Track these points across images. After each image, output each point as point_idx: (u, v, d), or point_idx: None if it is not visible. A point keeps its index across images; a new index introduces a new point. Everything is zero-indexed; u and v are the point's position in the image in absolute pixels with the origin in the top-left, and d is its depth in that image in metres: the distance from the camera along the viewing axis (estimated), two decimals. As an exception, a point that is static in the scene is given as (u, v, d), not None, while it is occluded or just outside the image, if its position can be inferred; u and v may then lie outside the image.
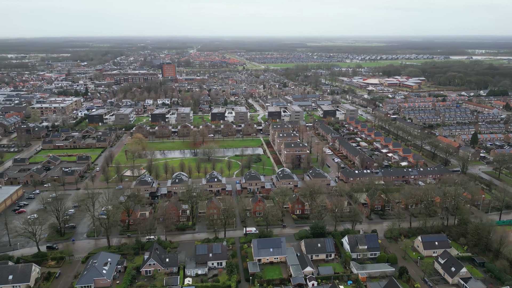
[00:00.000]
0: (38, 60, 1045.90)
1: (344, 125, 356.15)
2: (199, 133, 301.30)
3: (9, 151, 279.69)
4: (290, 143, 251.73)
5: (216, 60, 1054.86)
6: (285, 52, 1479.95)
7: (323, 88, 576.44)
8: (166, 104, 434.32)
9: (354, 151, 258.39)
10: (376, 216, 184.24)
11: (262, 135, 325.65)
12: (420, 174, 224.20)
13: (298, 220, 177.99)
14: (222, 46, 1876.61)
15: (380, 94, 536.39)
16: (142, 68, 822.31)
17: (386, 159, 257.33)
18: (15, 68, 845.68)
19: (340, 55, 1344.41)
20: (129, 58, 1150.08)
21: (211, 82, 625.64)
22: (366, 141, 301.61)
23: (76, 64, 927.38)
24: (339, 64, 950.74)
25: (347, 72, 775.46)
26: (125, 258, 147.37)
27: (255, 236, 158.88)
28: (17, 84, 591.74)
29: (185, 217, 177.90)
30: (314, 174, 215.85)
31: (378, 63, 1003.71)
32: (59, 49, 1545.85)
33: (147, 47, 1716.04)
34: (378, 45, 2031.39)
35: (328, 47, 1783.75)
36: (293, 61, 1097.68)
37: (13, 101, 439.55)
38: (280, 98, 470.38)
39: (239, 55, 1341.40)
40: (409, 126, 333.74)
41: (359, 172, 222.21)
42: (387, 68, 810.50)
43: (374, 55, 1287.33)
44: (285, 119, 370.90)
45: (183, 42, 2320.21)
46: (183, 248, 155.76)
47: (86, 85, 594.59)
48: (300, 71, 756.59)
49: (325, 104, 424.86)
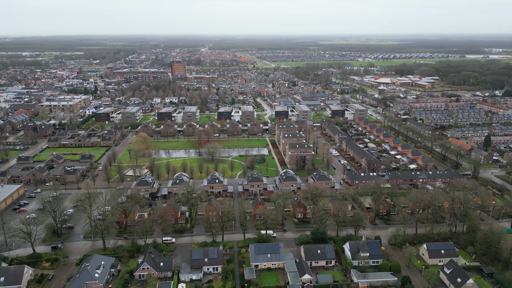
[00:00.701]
0: (52, 58, 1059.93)
1: (353, 126, 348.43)
2: (204, 133, 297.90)
3: (15, 149, 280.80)
4: (295, 144, 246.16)
5: (227, 59, 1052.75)
6: (296, 50, 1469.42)
7: (333, 87, 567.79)
8: (173, 102, 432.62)
9: (361, 153, 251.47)
10: (381, 221, 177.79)
11: (268, 135, 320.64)
12: (429, 178, 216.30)
13: (300, 224, 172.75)
14: (234, 44, 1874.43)
15: (391, 93, 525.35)
16: (152, 67, 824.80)
17: (394, 161, 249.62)
18: (28, 66, 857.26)
19: (352, 53, 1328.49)
20: (141, 56, 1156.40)
21: (220, 81, 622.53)
22: (374, 142, 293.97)
23: (89, 62, 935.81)
24: (351, 63, 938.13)
25: (358, 71, 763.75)
26: (120, 261, 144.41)
27: (254, 241, 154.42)
28: (29, 82, 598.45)
29: (184, 219, 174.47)
30: (318, 176, 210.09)
31: (391, 62, 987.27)
32: (73, 47, 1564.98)
33: (159, 46, 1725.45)
34: (392, 43, 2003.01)
35: (340, 46, 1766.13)
36: (304, 59, 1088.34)
37: (23, 99, 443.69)
38: (289, 97, 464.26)
39: (250, 54, 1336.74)
40: (419, 127, 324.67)
41: (365, 175, 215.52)
42: (399, 67, 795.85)
43: (387, 53, 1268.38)
44: (293, 118, 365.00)
45: (196, 40, 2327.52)
46: (180, 251, 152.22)
47: (96, 83, 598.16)
48: (311, 70, 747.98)
49: (334, 103, 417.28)
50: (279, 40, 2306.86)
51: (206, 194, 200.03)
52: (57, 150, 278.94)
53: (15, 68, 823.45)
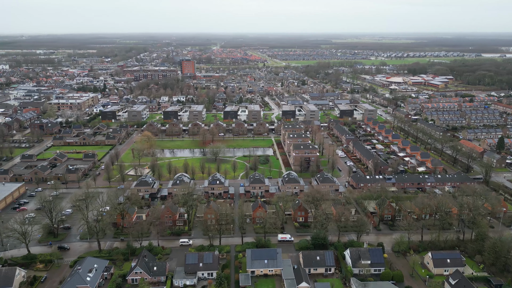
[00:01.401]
0: (65, 56, 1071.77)
1: (361, 126, 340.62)
2: (209, 132, 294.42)
3: (21, 146, 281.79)
4: (299, 145, 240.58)
5: (238, 57, 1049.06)
6: (308, 49, 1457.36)
7: (343, 87, 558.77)
8: (180, 101, 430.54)
9: (368, 154, 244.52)
10: (385, 227, 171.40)
11: (274, 135, 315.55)
12: (438, 182, 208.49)
13: (300, 229, 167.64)
14: (246, 43, 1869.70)
15: (403, 93, 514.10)
16: (163, 65, 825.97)
17: (402, 163, 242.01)
18: (41, 64, 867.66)
19: (365, 52, 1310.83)
20: (152, 54, 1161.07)
21: (229, 79, 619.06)
22: (382, 144, 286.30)
23: (100, 60, 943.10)
24: (363, 62, 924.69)
25: (370, 69, 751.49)
26: (114, 263, 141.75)
27: (252, 245, 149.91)
28: (40, 80, 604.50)
29: (182, 221, 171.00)
30: (322, 178, 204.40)
31: (404, 61, 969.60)
32: (87, 45, 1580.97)
33: (171, 44, 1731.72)
34: (406, 42, 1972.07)
35: (353, 44, 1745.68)
36: (315, 58, 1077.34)
37: (32, 96, 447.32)
38: (297, 97, 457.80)
39: (261, 52, 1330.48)
40: (430, 128, 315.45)
41: (370, 178, 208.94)
42: (412, 66, 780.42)
43: (400, 52, 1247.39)
44: (300, 118, 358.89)
45: (208, 39, 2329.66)
46: (176, 255, 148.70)
47: (106, 81, 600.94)
48: (321, 69, 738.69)
49: (342, 103, 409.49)
50: (291, 39, 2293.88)
51: (205, 196, 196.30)
52: (62, 148, 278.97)
53: (28, 66, 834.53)
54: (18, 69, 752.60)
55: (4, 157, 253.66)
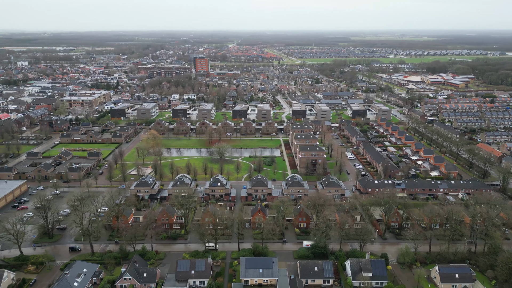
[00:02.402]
0: (83, 53, 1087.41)
1: (374, 127, 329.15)
2: (215, 131, 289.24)
3: (29, 143, 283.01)
4: (306, 146, 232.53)
5: (253, 55, 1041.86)
6: (325, 46, 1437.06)
7: (358, 85, 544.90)
8: (191, 99, 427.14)
9: (378, 157, 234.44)
10: (392, 236, 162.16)
11: (282, 135, 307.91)
12: (451, 188, 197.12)
13: (301, 235, 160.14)
14: (263, 40, 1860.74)
15: (420, 93, 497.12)
16: (178, 62, 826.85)
17: (414, 167, 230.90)
18: (60, 61, 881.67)
19: (384, 50, 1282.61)
20: (168, 52, 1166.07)
21: (242, 77, 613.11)
22: (394, 146, 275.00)
23: (117, 57, 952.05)
24: (380, 60, 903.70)
25: (387, 68, 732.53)
26: (106, 268, 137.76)
27: (249, 252, 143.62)
28: (56, 76, 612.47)
29: (180, 224, 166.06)
30: (327, 182, 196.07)
31: (424, 59, 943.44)
32: (106, 42, 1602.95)
33: (188, 41, 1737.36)
34: (428, 39, 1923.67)
35: (372, 42, 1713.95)
36: (332, 55, 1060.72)
37: (46, 93, 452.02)
38: (310, 95, 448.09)
39: (278, 50, 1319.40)
40: (447, 130, 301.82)
41: (378, 182, 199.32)
42: (432, 64, 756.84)
43: (421, 50, 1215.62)
44: (310, 118, 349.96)
45: (225, 36, 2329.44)
46: (170, 260, 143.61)
47: (120, 78, 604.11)
48: (337, 67, 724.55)
49: (355, 103, 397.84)
50: (309, 36, 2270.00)
51: (205, 197, 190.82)
52: (69, 146, 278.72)
53: (47, 63, 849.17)
54: (36, 66, 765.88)
55: (11, 154, 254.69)
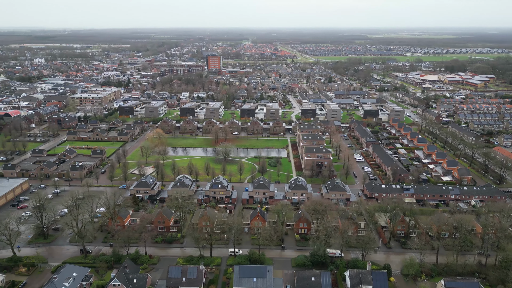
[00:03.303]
0: (99, 50, 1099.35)
1: (386, 128, 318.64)
2: (222, 130, 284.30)
3: (36, 140, 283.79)
4: (312, 148, 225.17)
5: (267, 52, 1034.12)
6: (341, 44, 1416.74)
7: (372, 84, 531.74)
8: (200, 97, 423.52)
9: (387, 160, 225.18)
10: (397, 244, 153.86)
11: (290, 135, 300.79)
12: (463, 194, 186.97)
13: (301, 242, 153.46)
14: (278, 37, 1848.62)
15: (436, 92, 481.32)
16: (191, 60, 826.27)
17: (425, 171, 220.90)
18: (75, 58, 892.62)
19: (401, 48, 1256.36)
20: (183, 49, 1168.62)
21: (254, 75, 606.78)
22: (406, 148, 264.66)
23: (131, 55, 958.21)
24: (397, 58, 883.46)
25: (403, 66, 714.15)
26: (97, 272, 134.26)
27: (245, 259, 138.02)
28: (70, 73, 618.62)
29: (177, 227, 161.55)
30: (332, 186, 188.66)
31: (442, 57, 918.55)
32: (122, 39, 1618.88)
33: (204, 39, 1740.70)
34: (447, 37, 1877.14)
35: (389, 39, 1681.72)
36: (347, 54, 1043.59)
37: (58, 90, 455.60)
38: (321, 94, 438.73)
39: (292, 47, 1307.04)
40: (462, 132, 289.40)
41: (386, 187, 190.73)
42: (450, 63, 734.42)
43: (439, 48, 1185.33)
44: (320, 118, 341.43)
45: (241, 34, 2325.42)
46: (164, 264, 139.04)
47: (132, 75, 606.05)
48: (351, 65, 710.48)
49: (368, 102, 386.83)
50: (325, 33, 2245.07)
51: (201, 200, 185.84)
52: (75, 143, 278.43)
53: (63, 60, 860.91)
54: (52, 63, 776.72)
55: (17, 151, 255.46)
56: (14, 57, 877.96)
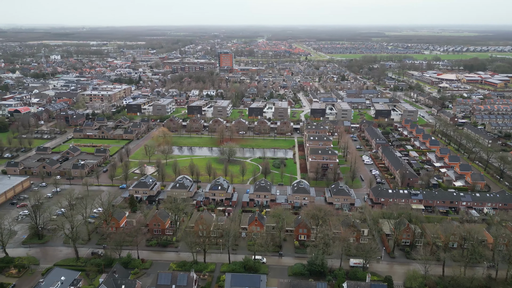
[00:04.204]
0: (115, 48, 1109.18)
1: (397, 129, 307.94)
2: (227, 130, 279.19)
3: (43, 137, 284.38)
4: (317, 149, 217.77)
5: (281, 50, 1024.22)
6: (357, 42, 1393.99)
7: (386, 83, 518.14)
8: (210, 95, 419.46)
9: (396, 163, 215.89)
10: (401, 254, 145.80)
11: (298, 135, 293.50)
12: (475, 201, 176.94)
13: (300, 249, 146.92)
14: (293, 35, 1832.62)
15: (453, 92, 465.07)
16: (204, 57, 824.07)
17: (436, 176, 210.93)
18: (90, 55, 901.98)
19: (419, 45, 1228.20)
20: (197, 47, 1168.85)
21: (266, 73, 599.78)
22: (417, 151, 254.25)
23: (145, 52, 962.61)
24: (414, 56, 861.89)
25: (420, 65, 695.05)
26: (87, 275, 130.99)
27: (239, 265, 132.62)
28: (84, 70, 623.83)
29: (173, 230, 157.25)
30: (336, 190, 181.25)
31: (461, 56, 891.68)
32: (138, 37, 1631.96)
33: (219, 36, 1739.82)
34: (468, 35, 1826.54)
35: (408, 37, 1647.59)
36: (363, 51, 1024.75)
37: (69, 87, 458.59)
38: (332, 93, 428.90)
39: (307, 45, 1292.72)
40: (478, 135, 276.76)
41: (393, 192, 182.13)
42: (470, 61, 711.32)
43: (459, 46, 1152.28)
44: (330, 117, 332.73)
45: (256, 31, 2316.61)
46: (156, 269, 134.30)
47: (144, 72, 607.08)
48: (366, 63, 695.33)
49: (380, 102, 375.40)
50: (342, 31, 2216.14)
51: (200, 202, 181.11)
52: (81, 141, 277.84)
53: (78, 57, 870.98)
54: (67, 60, 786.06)
55: (22, 148, 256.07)
56: (31, 53, 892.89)
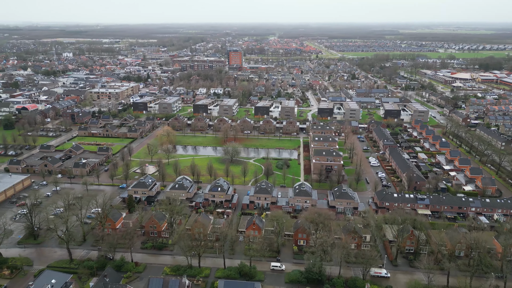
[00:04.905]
0: (127, 45, 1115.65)
1: (407, 129, 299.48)
2: (232, 129, 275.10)
3: (48, 135, 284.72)
4: (321, 150, 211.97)
5: (292, 48, 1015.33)
6: (370, 39, 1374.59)
7: (398, 82, 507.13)
8: (217, 94, 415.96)
9: (403, 165, 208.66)
10: (404, 262, 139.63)
11: (304, 135, 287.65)
12: (485, 207, 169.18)
13: (299, 254, 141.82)
14: (305, 33, 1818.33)
15: (467, 91, 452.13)
16: (214, 55, 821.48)
17: (445, 179, 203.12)
18: (102, 52, 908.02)
19: (434, 43, 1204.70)
20: (208, 44, 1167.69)
21: (275, 72, 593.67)
22: (427, 152, 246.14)
23: (156, 50, 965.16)
24: (428, 55, 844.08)
25: (434, 64, 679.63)
26: (80, 278, 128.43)
27: (234, 272, 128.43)
28: (94, 68, 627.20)
29: (169, 233, 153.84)
30: (338, 193, 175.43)
31: (477, 54, 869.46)
32: (150, 34, 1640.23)
33: (230, 34, 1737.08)
34: (485, 32, 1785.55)
35: (422, 35, 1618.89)
36: (376, 49, 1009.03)
37: (78, 85, 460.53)
38: (342, 92, 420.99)
39: (319, 42, 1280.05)
40: (491, 136, 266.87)
41: (398, 196, 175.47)
42: (485, 60, 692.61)
43: (475, 44, 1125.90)
44: (338, 117, 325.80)
45: (268, 29, 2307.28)
46: (150, 273, 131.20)
47: (153, 70, 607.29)
48: (378, 62, 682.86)
49: (390, 101, 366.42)
50: (355, 28, 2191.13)
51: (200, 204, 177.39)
52: (85, 139, 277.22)
53: (90, 54, 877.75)
54: (79, 57, 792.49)
55: (27, 145, 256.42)
56: (44, 51, 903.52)
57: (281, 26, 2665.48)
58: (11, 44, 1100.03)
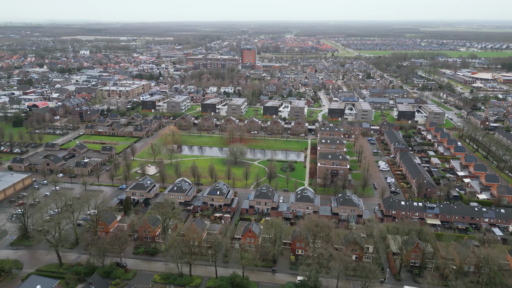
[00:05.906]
0: (143, 43, 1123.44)
1: (421, 132, 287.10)
2: (238, 129, 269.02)
3: (55, 133, 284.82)
4: (327, 154, 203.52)
5: (307, 46, 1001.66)
6: (389, 38, 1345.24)
7: (414, 82, 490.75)
8: (226, 93, 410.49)
9: (414, 171, 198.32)
10: (409, 277, 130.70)
11: (313, 137, 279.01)
12: (499, 218, 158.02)
13: (296, 265, 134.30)
14: (322, 30, 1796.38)
15: (488, 92, 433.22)
16: (228, 53, 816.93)
17: (459, 186, 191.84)
18: (118, 50, 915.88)
19: (455, 42, 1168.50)
20: (223, 42, 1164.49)
21: (288, 70, 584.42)
22: (440, 157, 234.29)
23: (171, 48, 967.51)
24: (448, 53, 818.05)
25: (454, 63, 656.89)
26: (67, 284, 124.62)
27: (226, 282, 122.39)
28: (108, 66, 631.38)
29: (163, 238, 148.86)
30: (342, 199, 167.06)
31: (500, 53, 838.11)
32: (167, 32, 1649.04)
33: (247, 32, 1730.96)
34: (510, 31, 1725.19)
35: (444, 33, 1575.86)
36: (394, 48, 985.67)
37: (90, 82, 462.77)
38: (355, 92, 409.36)
39: (336, 40, 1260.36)
40: (510, 141, 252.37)
41: (406, 204, 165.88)
42: (508, 59, 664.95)
43: (499, 43, 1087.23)
44: (349, 118, 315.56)
45: (285, 27, 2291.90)
46: (139, 281, 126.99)
47: (166, 68, 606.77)
48: (395, 60, 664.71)
49: (404, 102, 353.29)
50: (374, 26, 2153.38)
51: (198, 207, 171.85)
52: (91, 137, 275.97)
53: (106, 52, 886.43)
54: (95, 55, 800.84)
55: (32, 143, 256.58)
56: (63, 48, 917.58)
57: (299, 24, 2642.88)
58: (31, 42, 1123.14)
